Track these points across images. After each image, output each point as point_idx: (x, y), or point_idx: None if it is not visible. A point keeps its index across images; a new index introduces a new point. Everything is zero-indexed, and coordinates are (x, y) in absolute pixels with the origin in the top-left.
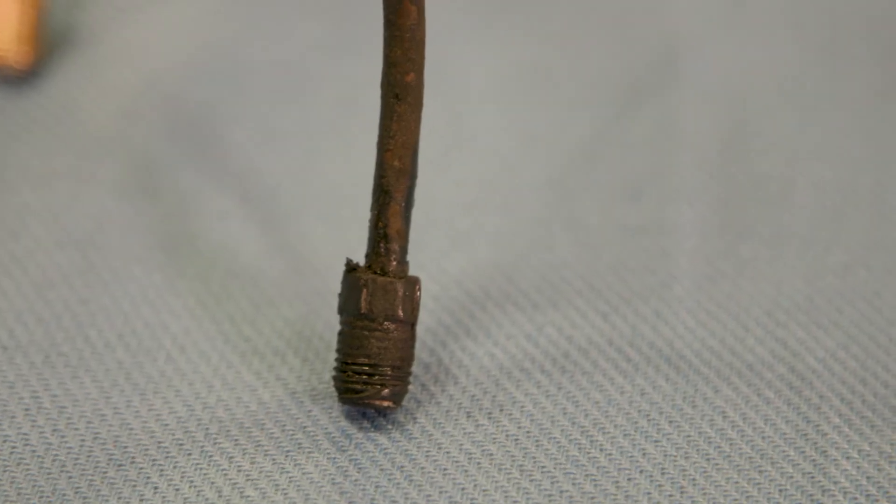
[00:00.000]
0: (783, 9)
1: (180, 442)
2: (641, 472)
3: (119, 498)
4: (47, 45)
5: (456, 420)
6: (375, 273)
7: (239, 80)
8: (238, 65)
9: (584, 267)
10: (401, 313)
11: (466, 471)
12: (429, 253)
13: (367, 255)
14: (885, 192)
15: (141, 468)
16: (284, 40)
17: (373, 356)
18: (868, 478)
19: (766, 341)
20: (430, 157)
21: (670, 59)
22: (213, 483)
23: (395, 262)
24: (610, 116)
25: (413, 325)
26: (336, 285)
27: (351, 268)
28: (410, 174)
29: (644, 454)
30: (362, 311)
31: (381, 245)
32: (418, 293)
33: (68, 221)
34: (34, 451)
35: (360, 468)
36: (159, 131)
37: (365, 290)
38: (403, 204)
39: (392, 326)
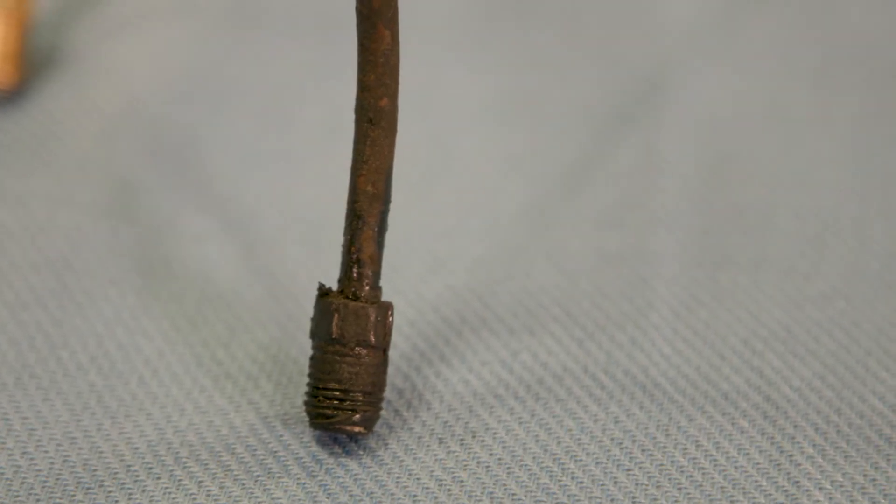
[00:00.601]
0: (769, 38)
1: (149, 466)
2: (612, 500)
3: None
4: (32, 66)
5: (428, 446)
6: (347, 298)
7: (220, 104)
8: (220, 88)
9: (561, 293)
10: (372, 338)
11: (437, 497)
12: (406, 277)
13: (339, 280)
14: (867, 222)
15: (109, 492)
16: (266, 65)
17: (344, 381)
18: None
19: (742, 370)
20: (411, 181)
21: (654, 86)
22: None
23: (367, 287)
24: (592, 143)
25: (385, 350)
26: (311, 310)
27: (323, 292)
28: (384, 199)
29: (615, 483)
30: (334, 336)
31: (354, 270)
32: (390, 318)
33: (44, 242)
34: (2, 474)
35: (329, 494)
36: (140, 153)
37: (336, 315)
38: (376, 229)
39: (363, 352)
